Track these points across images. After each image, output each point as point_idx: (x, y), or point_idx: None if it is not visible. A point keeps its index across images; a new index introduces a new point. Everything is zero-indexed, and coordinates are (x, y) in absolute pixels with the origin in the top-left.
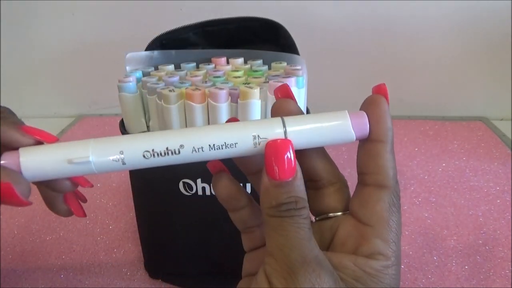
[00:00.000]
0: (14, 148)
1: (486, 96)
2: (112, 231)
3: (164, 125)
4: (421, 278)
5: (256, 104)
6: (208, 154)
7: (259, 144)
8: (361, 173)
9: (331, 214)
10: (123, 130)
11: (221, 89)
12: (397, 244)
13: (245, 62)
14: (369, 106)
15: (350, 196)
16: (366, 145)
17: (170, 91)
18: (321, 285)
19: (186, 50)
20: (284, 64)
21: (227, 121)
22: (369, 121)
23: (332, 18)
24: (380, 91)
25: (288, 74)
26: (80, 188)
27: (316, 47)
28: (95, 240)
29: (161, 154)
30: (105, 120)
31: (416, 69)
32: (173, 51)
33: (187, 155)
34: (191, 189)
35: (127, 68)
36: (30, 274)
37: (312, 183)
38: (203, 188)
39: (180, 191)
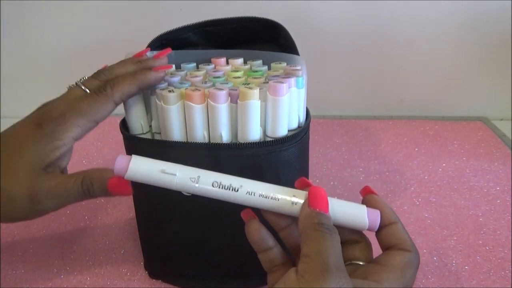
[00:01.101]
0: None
1: (486, 96)
2: (112, 231)
3: (164, 126)
4: (421, 278)
5: (255, 105)
6: (256, 199)
7: (295, 202)
8: (386, 249)
9: (354, 261)
10: (124, 130)
11: (220, 89)
12: None
13: (245, 62)
14: (373, 203)
15: (371, 252)
16: (384, 229)
17: (169, 91)
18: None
19: (186, 50)
20: (284, 64)
21: (297, 180)
22: (380, 211)
23: (332, 18)
24: (369, 191)
25: (288, 74)
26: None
27: (316, 47)
28: (95, 240)
29: (224, 187)
30: (105, 120)
31: (416, 69)
32: (173, 52)
33: (241, 195)
34: None
35: None
36: (29, 274)
37: (342, 242)
38: None
39: (180, 191)
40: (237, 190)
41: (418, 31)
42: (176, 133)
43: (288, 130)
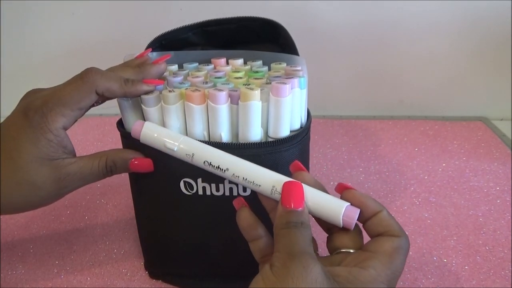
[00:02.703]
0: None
1: (486, 96)
2: (112, 231)
3: (163, 125)
4: (421, 278)
5: (256, 106)
6: (241, 182)
7: (274, 194)
8: (376, 236)
9: (344, 249)
10: (122, 129)
11: (220, 90)
12: (393, 275)
13: (245, 62)
14: (352, 199)
15: (361, 239)
16: (371, 219)
17: (169, 91)
18: (311, 271)
19: (186, 51)
20: (284, 64)
21: (292, 164)
22: (361, 205)
23: (332, 18)
24: (344, 187)
25: (289, 75)
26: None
27: (316, 47)
28: (95, 241)
29: (214, 167)
30: (105, 120)
31: (416, 69)
32: (172, 52)
33: (229, 175)
34: (192, 188)
35: None
36: (29, 274)
37: (331, 229)
38: (204, 188)
39: (181, 191)
40: (224, 172)
41: (418, 31)
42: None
43: (290, 131)
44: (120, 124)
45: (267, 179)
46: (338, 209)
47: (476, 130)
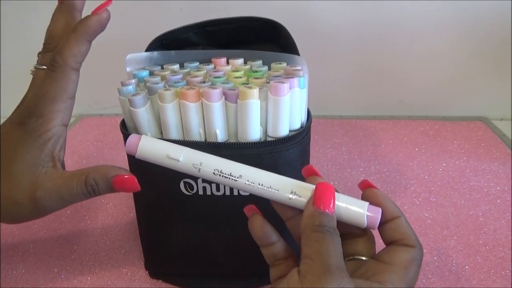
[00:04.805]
0: None
1: (486, 96)
2: (112, 231)
3: (161, 124)
4: (421, 278)
5: (255, 104)
6: (255, 189)
7: (293, 198)
8: (390, 244)
9: (356, 256)
10: (124, 130)
11: (214, 88)
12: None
13: (245, 62)
14: (373, 198)
15: (374, 247)
16: (387, 224)
17: (165, 90)
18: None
19: (186, 50)
20: (284, 64)
21: (304, 168)
22: (381, 206)
23: (332, 18)
24: (368, 185)
25: (289, 75)
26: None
27: (316, 47)
28: (95, 240)
29: (225, 175)
30: (105, 120)
31: (416, 69)
32: (173, 52)
33: (241, 184)
34: (192, 188)
35: (127, 69)
36: (30, 274)
37: (344, 235)
38: (204, 188)
39: (181, 191)
40: (237, 180)
41: (418, 31)
42: (173, 131)
43: (290, 131)
44: (123, 125)
45: (284, 184)
46: (360, 208)
47: (476, 130)
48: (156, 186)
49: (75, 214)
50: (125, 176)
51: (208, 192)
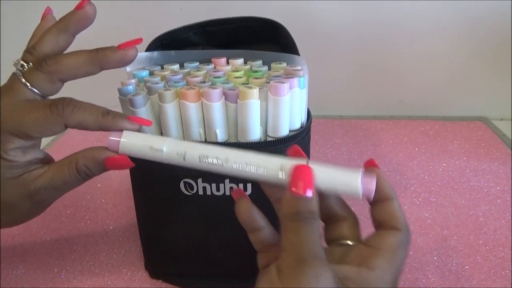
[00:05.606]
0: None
1: (486, 96)
2: (112, 231)
3: (161, 123)
4: (421, 278)
5: (255, 104)
6: (244, 170)
7: (283, 174)
8: (378, 226)
9: (342, 241)
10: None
11: (214, 88)
12: (397, 272)
13: (245, 62)
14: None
15: (359, 230)
16: (380, 204)
17: (165, 90)
18: (323, 280)
19: (186, 50)
20: (284, 64)
21: (289, 148)
22: (378, 183)
23: (332, 18)
24: (372, 164)
25: (289, 75)
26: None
27: (316, 47)
28: (95, 240)
29: (211, 160)
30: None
31: (416, 69)
32: (173, 52)
33: (229, 166)
34: (192, 188)
35: (127, 69)
36: (30, 274)
37: (329, 218)
38: (204, 188)
39: (181, 191)
40: (224, 164)
41: (418, 31)
42: (173, 131)
43: (290, 131)
44: None
45: (272, 161)
46: (354, 175)
47: (476, 130)
48: (156, 186)
49: (75, 214)
50: (116, 156)
51: (208, 192)
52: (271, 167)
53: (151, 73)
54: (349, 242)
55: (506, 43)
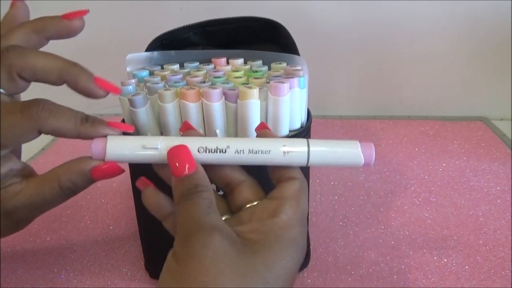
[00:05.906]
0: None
1: (486, 96)
2: (112, 231)
3: (161, 124)
4: (421, 278)
5: (255, 104)
6: (247, 157)
7: (287, 154)
8: (277, 182)
9: (248, 205)
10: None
11: (214, 88)
12: (302, 215)
13: (245, 62)
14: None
15: (260, 189)
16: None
17: (165, 90)
18: (210, 244)
19: (186, 50)
20: (284, 64)
21: (258, 126)
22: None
23: (332, 18)
24: (264, 127)
25: (289, 75)
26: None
27: (316, 47)
28: (95, 240)
29: (211, 150)
30: (105, 120)
31: (416, 69)
32: (173, 52)
33: (231, 155)
34: None
35: (127, 69)
36: (30, 274)
37: (228, 186)
38: None
39: None
40: (225, 152)
41: (418, 31)
42: (173, 131)
43: (290, 131)
44: None
45: (274, 142)
46: (354, 147)
47: (476, 130)
48: (156, 186)
49: (75, 214)
50: (103, 166)
51: None
52: (275, 148)
53: (151, 73)
54: (255, 203)
55: (506, 43)
